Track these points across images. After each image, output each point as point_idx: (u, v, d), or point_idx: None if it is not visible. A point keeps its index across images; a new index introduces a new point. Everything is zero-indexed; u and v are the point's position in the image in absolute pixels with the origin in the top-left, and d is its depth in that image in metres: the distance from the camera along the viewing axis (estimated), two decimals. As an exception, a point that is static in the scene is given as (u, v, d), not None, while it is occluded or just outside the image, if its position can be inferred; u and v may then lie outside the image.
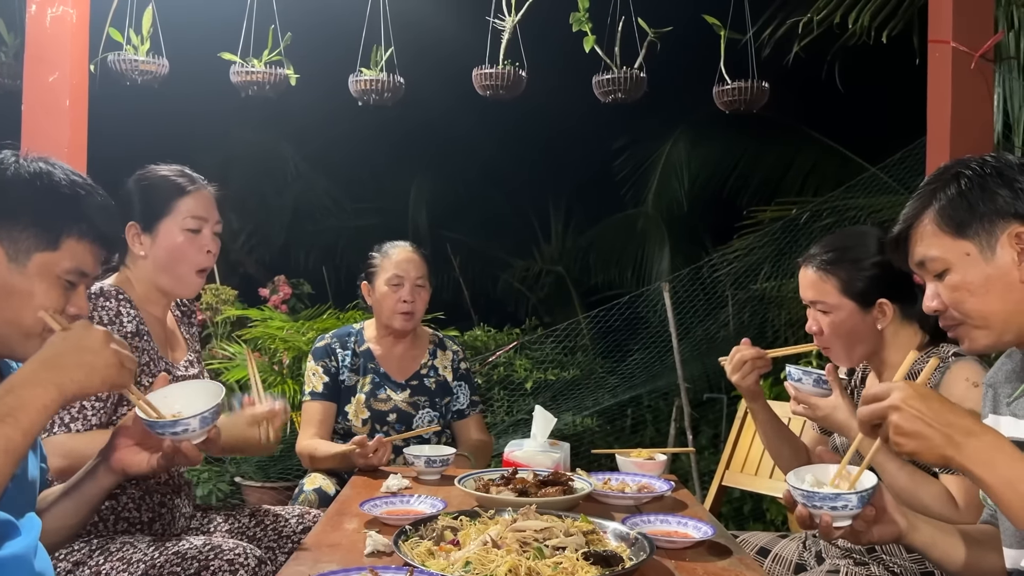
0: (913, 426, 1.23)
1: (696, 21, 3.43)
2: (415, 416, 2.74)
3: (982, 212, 1.32)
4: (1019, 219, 1.31)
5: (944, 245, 1.35)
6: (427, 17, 5.94)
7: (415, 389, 2.77)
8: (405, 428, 2.71)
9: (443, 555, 1.45)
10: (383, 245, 2.85)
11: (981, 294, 1.32)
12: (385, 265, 2.76)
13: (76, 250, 1.34)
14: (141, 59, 3.23)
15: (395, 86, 3.40)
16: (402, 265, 2.75)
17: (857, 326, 1.94)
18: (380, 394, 2.72)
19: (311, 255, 9.89)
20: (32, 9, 2.80)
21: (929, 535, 1.41)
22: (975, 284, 1.32)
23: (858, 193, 6.20)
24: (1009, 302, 1.31)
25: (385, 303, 2.74)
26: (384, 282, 2.74)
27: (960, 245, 1.34)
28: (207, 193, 2.10)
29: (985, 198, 1.32)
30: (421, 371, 2.80)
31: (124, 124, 6.00)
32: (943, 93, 2.88)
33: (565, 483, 1.92)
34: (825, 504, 1.32)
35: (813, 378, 1.93)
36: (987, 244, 1.32)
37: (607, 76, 3.23)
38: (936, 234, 1.36)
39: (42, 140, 2.75)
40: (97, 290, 1.93)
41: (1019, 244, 1.31)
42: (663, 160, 8.99)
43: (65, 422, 1.80)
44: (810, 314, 2.02)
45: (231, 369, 4.83)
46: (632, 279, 8.88)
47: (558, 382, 6.17)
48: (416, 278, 2.75)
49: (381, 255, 2.80)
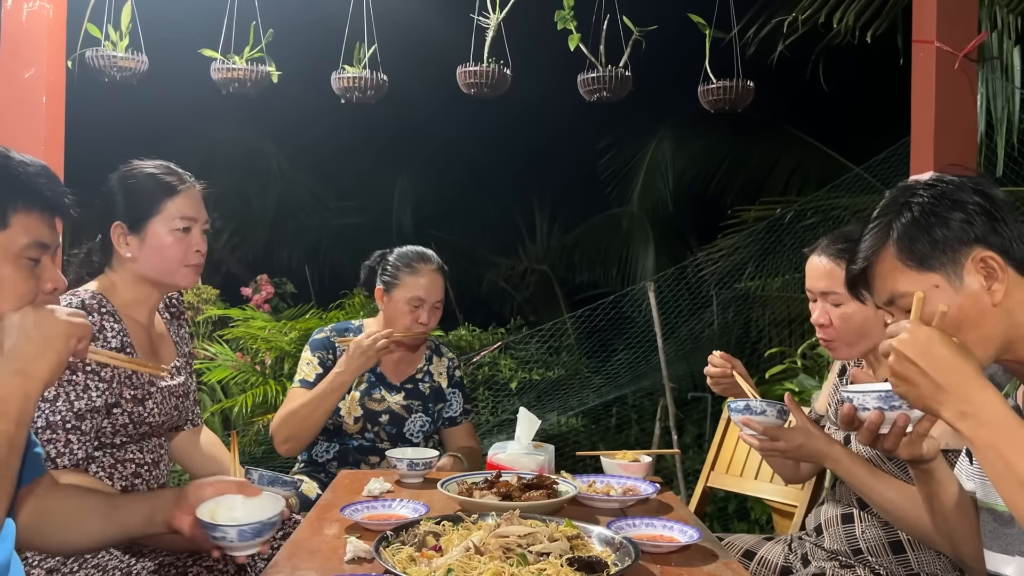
0: (906, 371, 1.24)
1: (681, 20, 3.41)
2: (407, 419, 2.71)
3: (942, 241, 1.30)
4: (979, 243, 1.29)
5: (911, 279, 1.32)
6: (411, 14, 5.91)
7: (409, 392, 2.74)
8: (396, 431, 2.68)
9: (425, 562, 1.42)
10: (407, 254, 2.71)
11: (957, 324, 1.29)
12: (409, 283, 2.65)
13: (27, 223, 1.30)
14: (120, 55, 3.18)
15: (378, 84, 3.37)
16: (427, 289, 2.65)
17: (868, 319, 1.90)
18: (375, 394, 2.69)
19: (294, 254, 9.85)
20: (8, 4, 2.76)
21: (946, 468, 1.45)
22: (950, 315, 1.29)
23: (842, 193, 6.23)
24: (985, 327, 1.30)
25: (401, 320, 2.65)
26: (404, 300, 2.64)
27: (928, 278, 1.31)
28: (196, 192, 2.04)
29: (940, 225, 1.30)
30: (416, 375, 2.77)
31: (102, 121, 5.93)
32: (927, 93, 2.89)
33: (549, 486, 1.90)
34: (905, 402, 1.30)
35: (777, 409, 1.84)
36: (954, 273, 1.30)
37: (592, 75, 3.22)
38: (900, 269, 1.33)
39: (18, 137, 2.70)
40: (78, 304, 1.86)
41: (984, 268, 1.29)
42: (648, 159, 9.00)
43: (52, 456, 1.74)
44: (818, 306, 1.98)
45: (212, 369, 4.79)
46: (617, 278, 8.89)
47: (543, 382, 6.17)
48: (436, 301, 2.68)
49: (406, 270, 2.67)
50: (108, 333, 1.86)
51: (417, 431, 2.71)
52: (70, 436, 1.77)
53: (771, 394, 4.42)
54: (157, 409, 1.95)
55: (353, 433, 2.65)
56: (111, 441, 1.87)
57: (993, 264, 1.28)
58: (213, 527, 1.33)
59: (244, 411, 4.59)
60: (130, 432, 1.90)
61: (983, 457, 1.20)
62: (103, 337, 1.85)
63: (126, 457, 1.91)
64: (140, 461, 1.93)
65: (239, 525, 1.34)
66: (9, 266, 1.29)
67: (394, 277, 2.68)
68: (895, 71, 3.96)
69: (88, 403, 1.81)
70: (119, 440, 1.89)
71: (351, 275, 8.42)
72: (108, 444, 1.87)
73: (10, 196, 1.29)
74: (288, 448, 2.60)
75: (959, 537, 1.47)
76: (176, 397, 2.03)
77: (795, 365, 4.43)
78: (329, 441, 2.67)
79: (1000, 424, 1.18)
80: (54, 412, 1.76)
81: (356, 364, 2.52)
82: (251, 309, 5.44)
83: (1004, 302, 1.29)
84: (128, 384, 1.88)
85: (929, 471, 1.45)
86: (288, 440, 2.58)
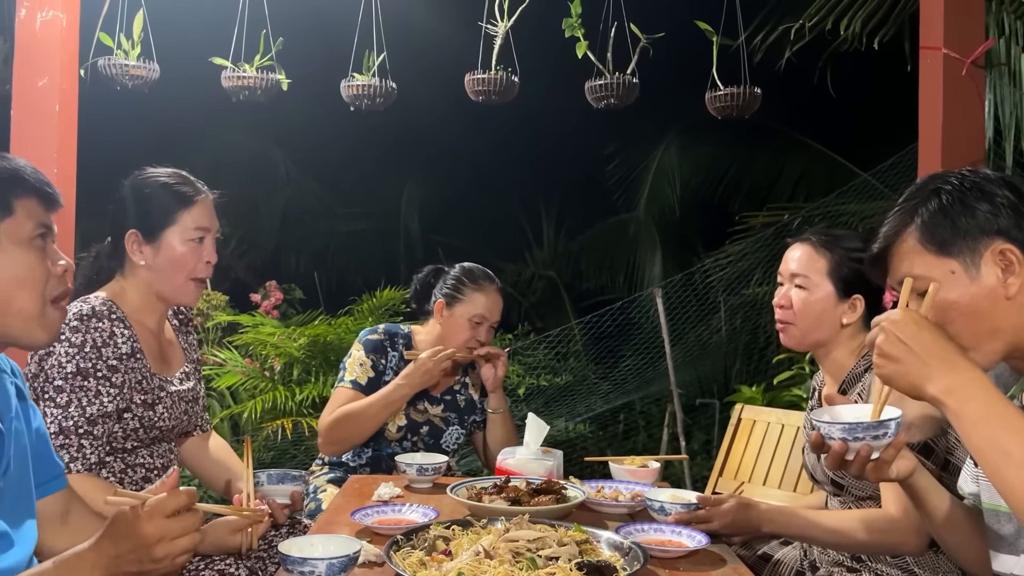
0: (893, 349, 1.26)
1: (688, 27, 3.43)
2: (445, 431, 2.72)
3: (964, 229, 1.31)
4: (1001, 236, 1.30)
5: (928, 263, 1.33)
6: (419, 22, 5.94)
7: (448, 405, 2.74)
8: (434, 441, 2.69)
9: (435, 565, 1.43)
10: (473, 271, 2.71)
11: (968, 313, 1.30)
12: (475, 300, 2.65)
13: (28, 207, 1.33)
14: (131, 64, 3.21)
15: (387, 91, 3.40)
16: (491, 308, 2.67)
17: (827, 312, 1.96)
18: (419, 405, 2.69)
19: (302, 260, 9.87)
20: (22, 13, 2.78)
21: (928, 481, 1.46)
22: (961, 303, 1.31)
23: (849, 199, 6.23)
24: (997, 319, 1.30)
25: (459, 335, 2.65)
26: (467, 316, 2.64)
27: (944, 263, 1.32)
28: (209, 201, 2.05)
29: (966, 214, 1.31)
30: (455, 387, 2.78)
31: (114, 129, 5.97)
32: (934, 99, 2.89)
33: (558, 492, 1.90)
34: (868, 434, 1.33)
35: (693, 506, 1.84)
36: (971, 262, 1.31)
37: (599, 82, 3.23)
38: (919, 252, 1.34)
39: (31, 145, 2.73)
40: (89, 310, 1.86)
41: (1003, 261, 1.30)
42: (655, 165, 9.00)
43: (65, 462, 1.74)
44: (783, 289, 2.03)
45: (222, 375, 4.81)
46: (624, 284, 8.89)
47: (551, 388, 6.17)
48: (495, 321, 2.70)
49: (473, 286, 2.67)
50: (119, 339, 1.87)
51: (452, 442, 2.74)
52: (83, 441, 1.79)
53: (778, 400, 4.42)
54: (167, 414, 1.96)
55: (392, 441, 2.64)
56: (122, 446, 1.89)
57: (1012, 258, 1.29)
58: (303, 561, 1.39)
59: (253, 417, 4.61)
60: (141, 437, 1.91)
61: (969, 431, 1.21)
62: (114, 343, 1.86)
63: (137, 462, 1.92)
64: (151, 466, 1.95)
65: (329, 559, 1.40)
66: (21, 249, 1.31)
67: (459, 292, 2.66)
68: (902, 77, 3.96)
69: (100, 408, 1.82)
70: (130, 445, 1.90)
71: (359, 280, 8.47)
72: (119, 449, 1.89)
73: (9, 184, 1.32)
74: (335, 449, 2.60)
75: (954, 544, 1.48)
76: (185, 402, 2.05)
77: (803, 371, 4.43)
78: (364, 446, 2.65)
79: (987, 399, 1.20)
80: (67, 418, 1.78)
81: (418, 380, 2.53)
82: (260, 315, 5.45)
83: (1018, 297, 1.29)
84: (138, 389, 1.90)
85: (908, 486, 1.46)
86: (339, 442, 2.57)
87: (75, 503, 1.57)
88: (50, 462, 1.51)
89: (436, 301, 2.70)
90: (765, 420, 2.90)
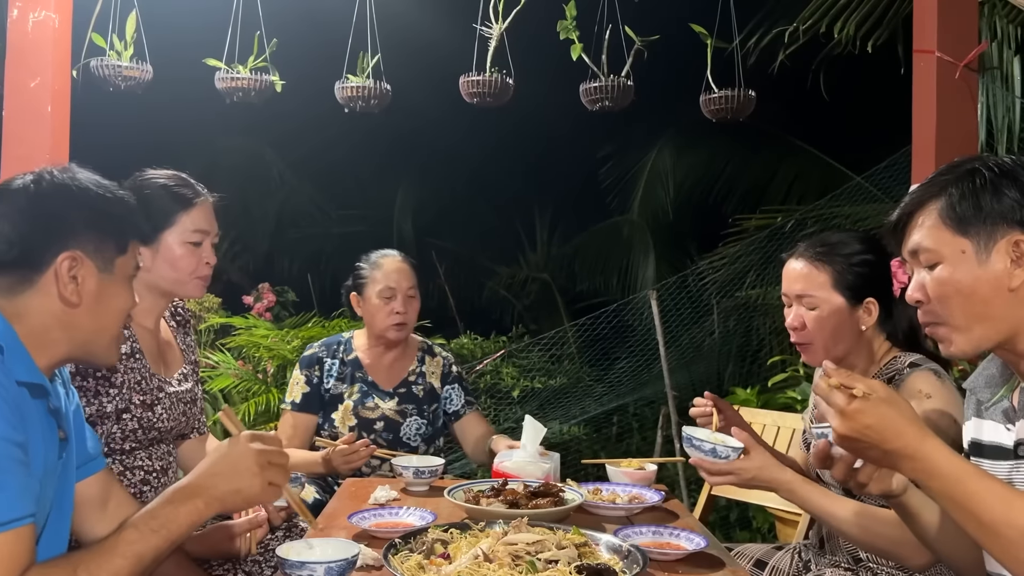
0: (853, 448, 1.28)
1: (683, 30, 3.43)
2: (402, 424, 2.71)
3: (987, 212, 1.31)
4: (1021, 227, 1.30)
5: (941, 239, 1.33)
6: (414, 24, 5.94)
7: (403, 397, 2.75)
8: (392, 436, 2.69)
9: (434, 569, 1.43)
10: (370, 256, 2.80)
11: (967, 295, 1.31)
12: (375, 277, 2.72)
13: (134, 248, 1.44)
14: (124, 65, 3.19)
15: (381, 93, 3.38)
16: (393, 276, 2.71)
17: (843, 323, 1.90)
18: (368, 403, 2.70)
19: (296, 262, 9.84)
20: (14, 13, 2.76)
21: (919, 498, 1.45)
22: (963, 283, 1.31)
23: (843, 201, 6.25)
24: (993, 307, 1.30)
25: (377, 315, 2.71)
26: (376, 294, 2.70)
27: (958, 242, 1.32)
28: (209, 204, 2.05)
29: (993, 195, 1.31)
30: (409, 378, 2.78)
31: (107, 130, 5.94)
32: (928, 102, 2.90)
33: (556, 494, 1.90)
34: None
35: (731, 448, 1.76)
36: (984, 246, 1.31)
37: (594, 84, 3.23)
38: (937, 226, 1.34)
39: (23, 146, 2.72)
40: None
41: (1016, 252, 1.29)
42: (649, 168, 9.01)
43: None
44: (792, 310, 1.97)
45: (215, 378, 4.79)
46: (618, 287, 8.89)
47: (545, 390, 6.17)
48: (407, 288, 2.73)
49: (370, 266, 2.76)
50: None
51: (414, 434, 2.72)
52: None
53: (773, 403, 4.41)
54: (166, 415, 1.96)
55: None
56: (120, 447, 1.88)
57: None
58: (301, 565, 1.40)
59: (247, 419, 4.59)
60: (139, 438, 1.90)
61: (941, 505, 1.25)
62: None
63: (135, 464, 1.91)
64: (149, 468, 1.94)
65: (327, 562, 1.40)
66: (124, 285, 1.43)
67: (360, 276, 2.76)
68: (896, 81, 3.98)
69: (99, 409, 1.82)
70: (128, 446, 1.89)
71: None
72: (118, 450, 1.88)
73: (128, 225, 1.43)
74: None
75: (948, 552, 1.47)
76: (184, 403, 2.04)
77: (797, 374, 4.43)
78: None
79: (946, 473, 1.21)
80: None
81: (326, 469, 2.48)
82: (253, 318, 5.43)
83: (1020, 290, 1.29)
84: (137, 390, 1.90)
85: (901, 504, 1.45)
86: None
87: (115, 488, 1.56)
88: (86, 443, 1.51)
89: (351, 296, 2.77)
90: (760, 422, 2.89)
